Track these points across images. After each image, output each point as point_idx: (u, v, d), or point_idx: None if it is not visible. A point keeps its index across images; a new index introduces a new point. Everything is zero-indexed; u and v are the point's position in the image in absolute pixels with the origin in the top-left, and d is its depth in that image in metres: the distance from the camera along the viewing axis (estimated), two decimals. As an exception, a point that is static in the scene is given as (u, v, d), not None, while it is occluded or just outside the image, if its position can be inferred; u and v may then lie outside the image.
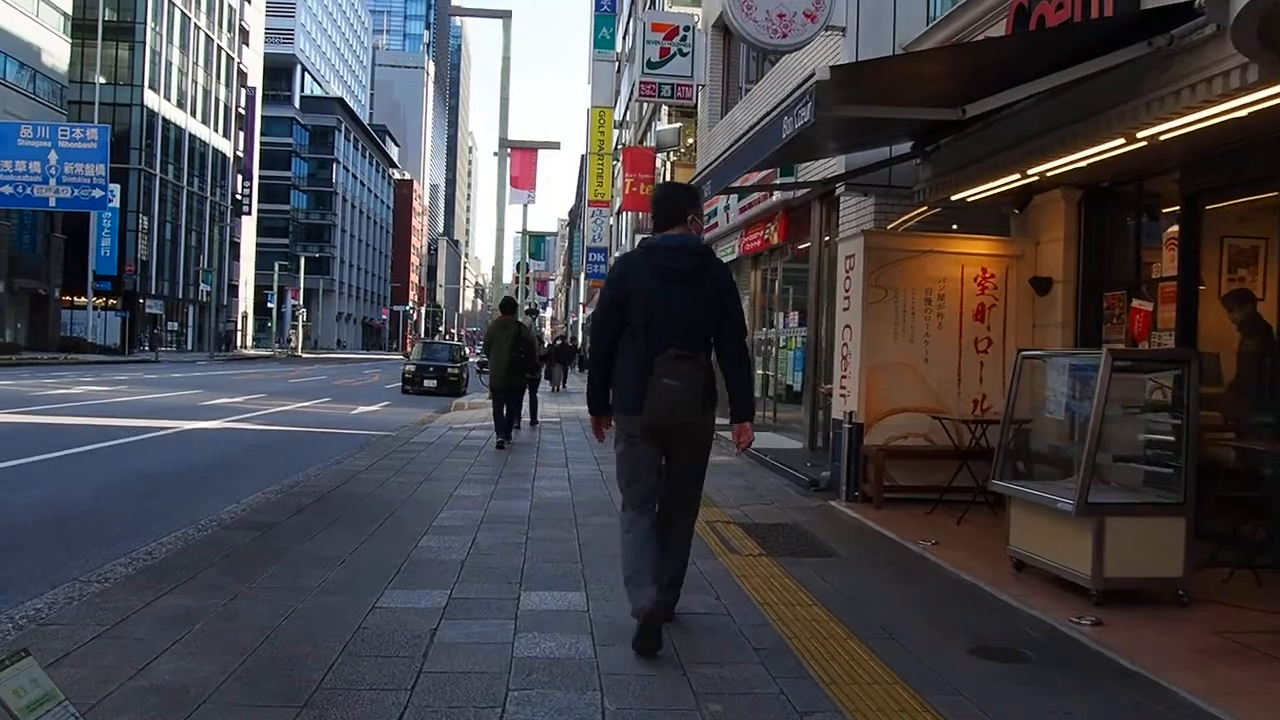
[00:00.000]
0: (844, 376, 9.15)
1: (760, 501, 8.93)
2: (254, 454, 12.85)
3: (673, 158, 24.68)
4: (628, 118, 41.73)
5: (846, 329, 9.14)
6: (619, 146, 41.33)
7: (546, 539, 6.95)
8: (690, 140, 24.91)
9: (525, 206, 32.97)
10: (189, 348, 74.97)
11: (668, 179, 24.40)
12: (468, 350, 31.89)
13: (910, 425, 8.86)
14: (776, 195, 13.25)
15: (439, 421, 18.08)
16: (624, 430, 4.60)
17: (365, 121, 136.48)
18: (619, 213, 38.89)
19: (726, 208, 15.72)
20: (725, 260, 16.91)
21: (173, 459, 11.83)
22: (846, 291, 9.15)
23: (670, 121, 25.03)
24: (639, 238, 24.75)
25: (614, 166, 40.80)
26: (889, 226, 10.06)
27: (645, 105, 32.14)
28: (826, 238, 12.51)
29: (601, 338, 4.66)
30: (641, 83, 18.60)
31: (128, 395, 22.40)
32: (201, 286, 73.13)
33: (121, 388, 25.33)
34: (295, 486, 9.10)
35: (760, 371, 16.10)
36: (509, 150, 24.38)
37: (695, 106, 20.37)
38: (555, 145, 25.06)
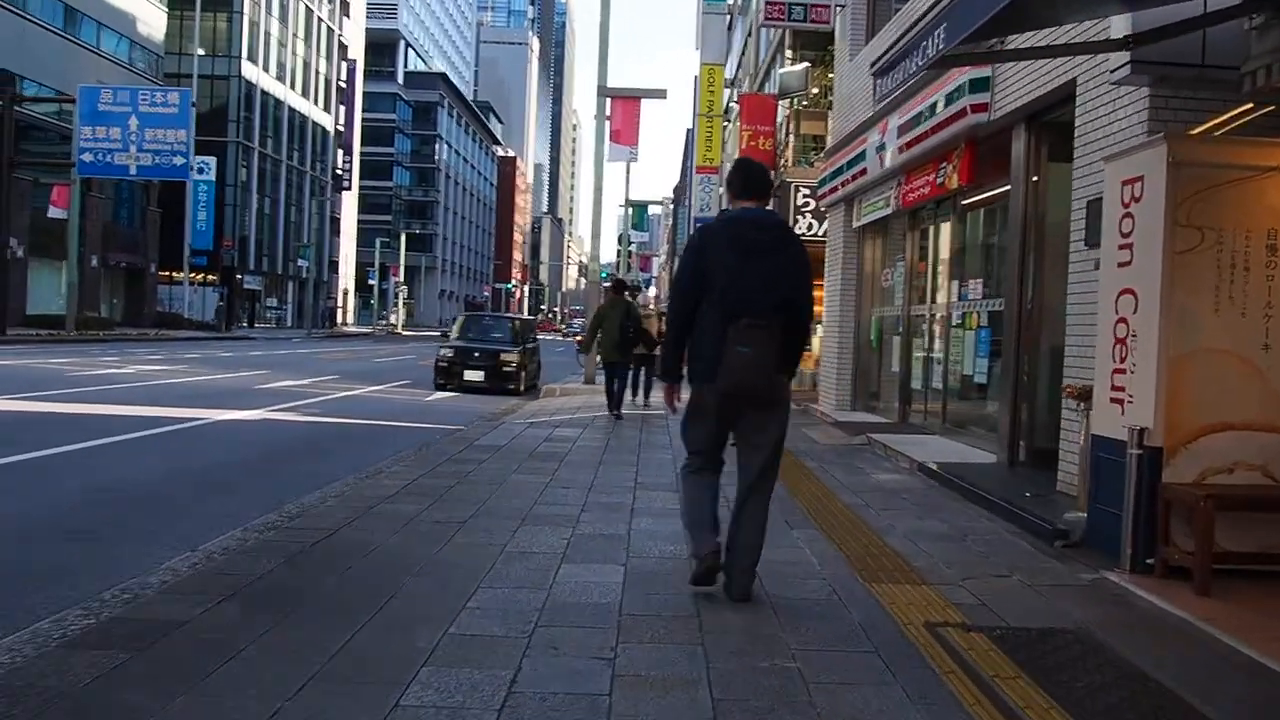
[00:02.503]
0: (1119, 371, 5.78)
1: (987, 567, 5.64)
2: (271, 460, 10.00)
3: (798, 105, 21.23)
4: (739, 74, 38.27)
5: (1124, 296, 5.77)
6: (731, 105, 37.93)
7: (652, 673, 3.78)
8: (816, 88, 21.46)
9: (628, 166, 29.85)
10: (288, 324, 74.03)
11: (791, 130, 20.99)
12: (536, 328, 24.19)
13: (1239, 451, 5.47)
14: (957, 127, 9.83)
15: (521, 413, 15.09)
16: (697, 395, 4.77)
17: (469, 98, 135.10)
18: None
19: (880, 148, 12.31)
20: (874, 217, 13.54)
21: (159, 468, 9.03)
22: (1125, 237, 5.77)
23: (795, 63, 21.57)
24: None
25: (724, 129, 37.42)
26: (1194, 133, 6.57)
27: (763, 52, 28.68)
28: (1035, 177, 9.07)
29: (681, 306, 4.76)
30: (767, 3, 15.22)
31: (182, 377, 20.00)
32: (299, 263, 71.93)
33: (182, 367, 23.03)
34: (282, 523, 6.17)
35: (920, 355, 12.69)
36: (609, 99, 21.14)
37: (832, 33, 16.94)
38: (661, 94, 21.73)
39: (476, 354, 19.34)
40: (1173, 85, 6.47)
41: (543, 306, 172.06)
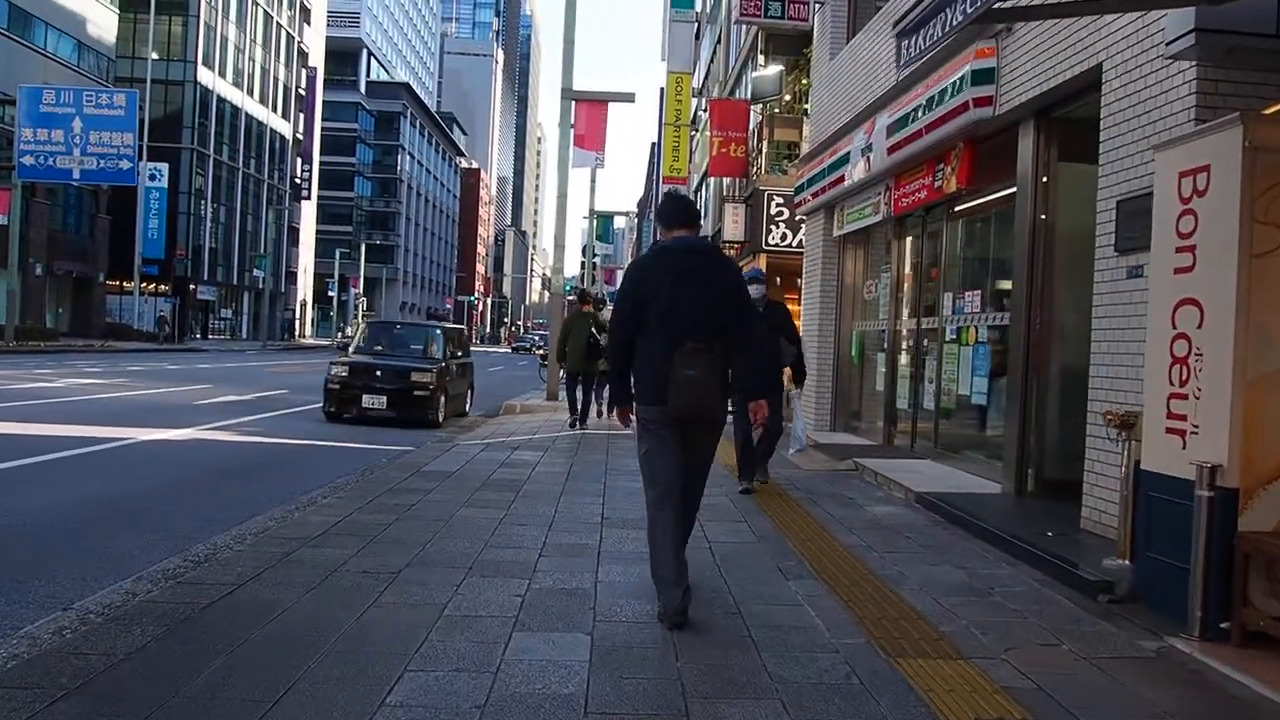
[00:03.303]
0: (1178, 396, 4.86)
1: (1028, 632, 4.68)
2: (195, 486, 8.88)
3: (771, 110, 20.37)
4: (707, 82, 37.48)
5: (1184, 308, 4.86)
6: (699, 113, 37.17)
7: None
8: (789, 94, 20.63)
9: (593, 174, 28.87)
10: (244, 336, 72.28)
11: (764, 136, 20.13)
12: (466, 339, 19.39)
13: (1329, 494, 4.57)
14: (957, 123, 8.94)
15: (478, 433, 14.06)
16: (646, 420, 4.85)
17: (432, 109, 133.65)
18: (703, 179, 34.59)
19: (867, 150, 11.42)
20: (858, 225, 12.68)
21: (65, 497, 7.89)
22: (1184, 238, 4.87)
23: (768, 65, 20.72)
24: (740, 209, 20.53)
25: (691, 139, 36.62)
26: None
27: (733, 58, 27.85)
28: (1045, 178, 8.20)
29: (621, 335, 4.93)
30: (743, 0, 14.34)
31: (117, 391, 18.74)
32: (255, 273, 70.18)
33: (120, 380, 21.73)
34: (183, 571, 5.19)
35: (908, 373, 11.81)
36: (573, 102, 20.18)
37: (807, 35, 16.09)
38: (629, 97, 20.76)
39: (379, 373, 14.73)
40: (1237, 61, 5.58)
41: (505, 320, 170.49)
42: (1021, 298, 8.30)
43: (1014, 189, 8.71)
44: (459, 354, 17.25)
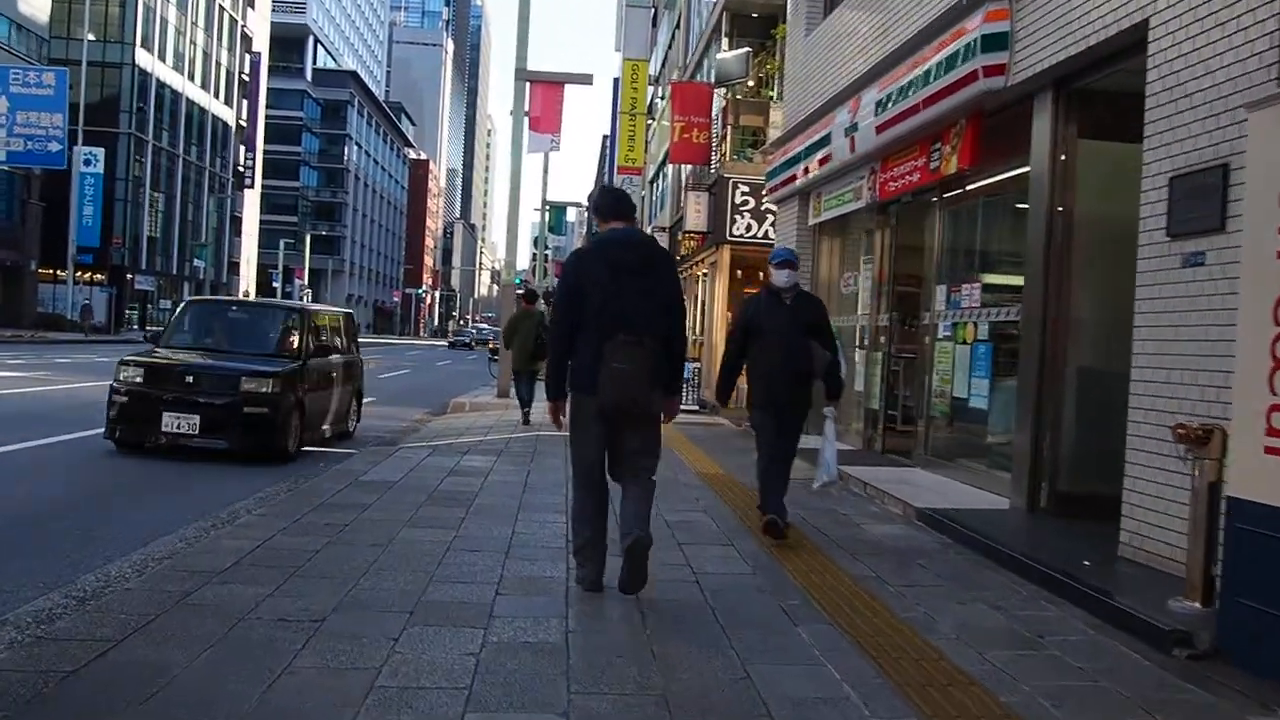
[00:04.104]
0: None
1: (1103, 701, 3.76)
2: (102, 498, 7.74)
3: (737, 94, 19.42)
4: (665, 69, 36.52)
5: (1288, 299, 3.98)
6: (657, 101, 36.21)
7: None
8: (753, 80, 19.72)
9: (545, 162, 27.79)
10: (184, 327, 70.09)
11: (729, 121, 19.20)
12: (353, 328, 13.38)
13: None
14: (962, 96, 8.05)
15: (426, 431, 13.02)
16: (578, 408, 4.97)
17: (380, 98, 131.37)
18: (660, 169, 33.57)
19: (851, 129, 10.50)
20: (839, 211, 11.80)
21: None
22: (1290, 214, 3.98)
23: (733, 48, 19.78)
24: (698, 197, 19.57)
25: (648, 127, 35.64)
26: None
27: (694, 42, 26.89)
28: (1063, 156, 7.33)
29: (561, 328, 5.00)
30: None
31: (32, 386, 17.38)
32: (196, 263, 68.10)
33: (40, 374, 20.31)
34: (61, 613, 4.29)
35: (892, 373, 10.96)
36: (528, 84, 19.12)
37: (776, 15, 15.17)
38: (586, 79, 19.78)
39: (190, 379, 9.75)
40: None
41: (454, 314, 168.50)
42: (1036, 291, 7.43)
43: (1022, 170, 7.86)
44: (336, 350, 12.07)
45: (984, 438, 8.80)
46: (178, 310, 12.33)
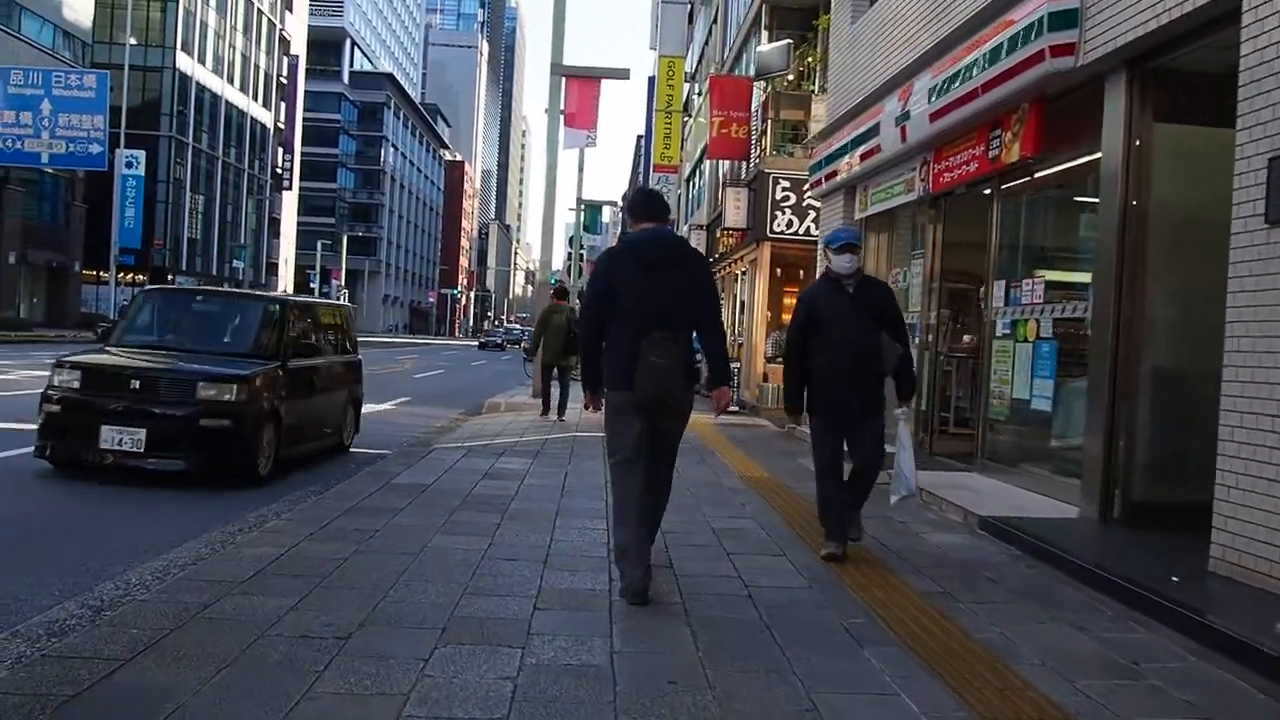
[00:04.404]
0: None
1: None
2: (124, 500, 7.47)
3: (778, 87, 18.97)
4: (702, 65, 36.11)
5: None
6: (693, 97, 35.83)
7: None
8: (793, 74, 19.28)
9: (580, 159, 27.44)
10: (223, 328, 70.46)
11: (769, 115, 18.77)
12: (347, 323, 11.50)
13: None
14: (1026, 78, 7.60)
15: (462, 431, 12.73)
16: (614, 404, 4.95)
17: (416, 100, 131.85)
18: (696, 166, 33.13)
19: (902, 118, 10.05)
20: (889, 205, 11.38)
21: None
22: None
23: (773, 40, 19.34)
24: (748, 193, 19.12)
25: (684, 124, 35.29)
26: None
27: (732, 35, 26.45)
28: (1138, 140, 6.86)
29: (591, 324, 5.05)
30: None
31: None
32: (235, 264, 68.43)
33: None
34: (72, 626, 4.06)
35: (945, 372, 10.51)
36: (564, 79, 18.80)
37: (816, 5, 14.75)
38: (623, 74, 19.44)
39: (137, 385, 8.07)
40: None
41: (489, 314, 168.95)
42: (1108, 285, 6.96)
43: (1090, 157, 7.40)
44: (327, 350, 10.42)
45: (1048, 441, 8.33)
46: (133, 301, 10.30)
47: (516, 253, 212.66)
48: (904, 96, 10.09)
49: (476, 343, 61.21)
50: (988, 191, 9.35)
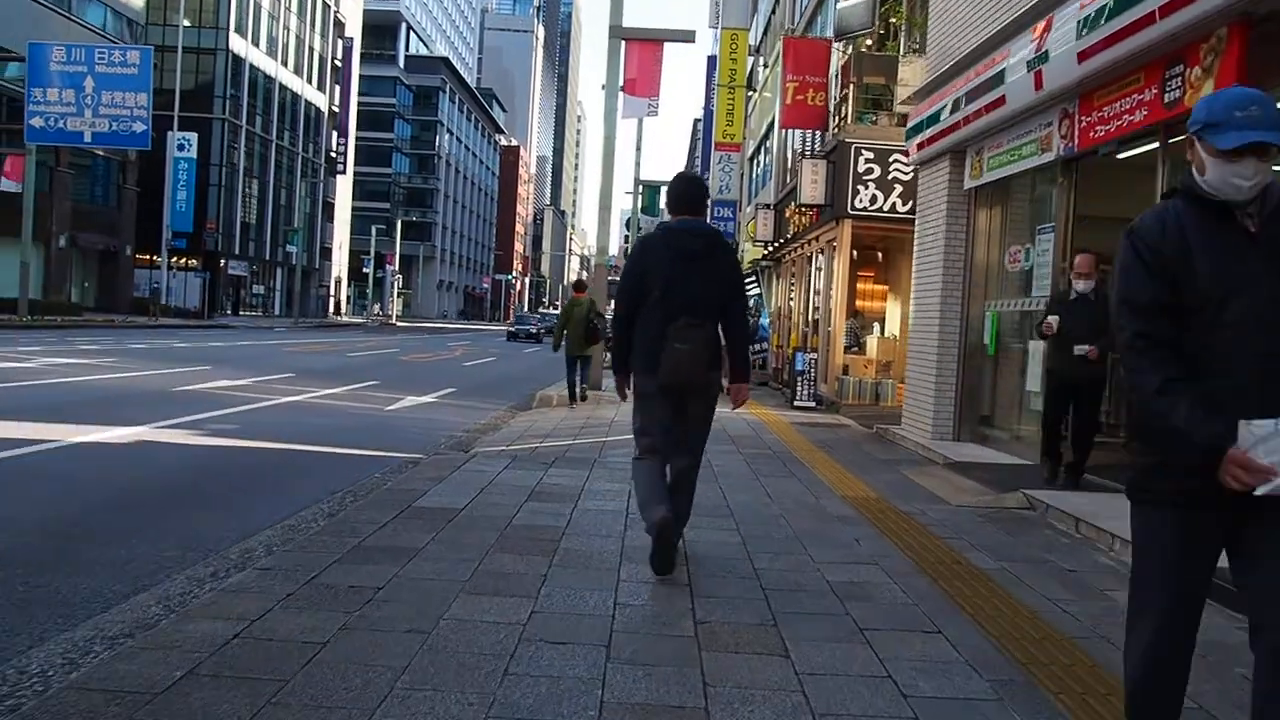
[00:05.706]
0: None
1: None
2: (98, 518, 5.99)
3: (862, 47, 17.18)
4: (765, 38, 34.27)
5: None
6: (759, 68, 34.03)
7: None
8: (875, 34, 17.48)
9: (640, 131, 25.85)
10: (277, 313, 70.04)
11: (851, 80, 16.96)
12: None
13: None
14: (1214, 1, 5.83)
15: (509, 431, 11.24)
16: (641, 386, 5.16)
17: (472, 85, 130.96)
18: (761, 143, 31.27)
19: (1037, 61, 8.29)
20: (1013, 169, 9.61)
21: None
22: None
23: (856, -3, 17.52)
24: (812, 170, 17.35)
25: (748, 99, 33.51)
26: None
27: None
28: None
29: (625, 309, 5.21)
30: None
31: (95, 374, 16.07)
32: (288, 248, 67.74)
33: (110, 361, 19.08)
34: None
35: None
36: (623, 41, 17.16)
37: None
38: (688, 36, 17.79)
39: None
40: None
41: (544, 300, 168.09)
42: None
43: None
44: None
45: None
46: None
47: (571, 238, 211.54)
48: (1039, 34, 8.31)
49: (508, 332, 50.35)
50: (1149, 147, 7.56)
